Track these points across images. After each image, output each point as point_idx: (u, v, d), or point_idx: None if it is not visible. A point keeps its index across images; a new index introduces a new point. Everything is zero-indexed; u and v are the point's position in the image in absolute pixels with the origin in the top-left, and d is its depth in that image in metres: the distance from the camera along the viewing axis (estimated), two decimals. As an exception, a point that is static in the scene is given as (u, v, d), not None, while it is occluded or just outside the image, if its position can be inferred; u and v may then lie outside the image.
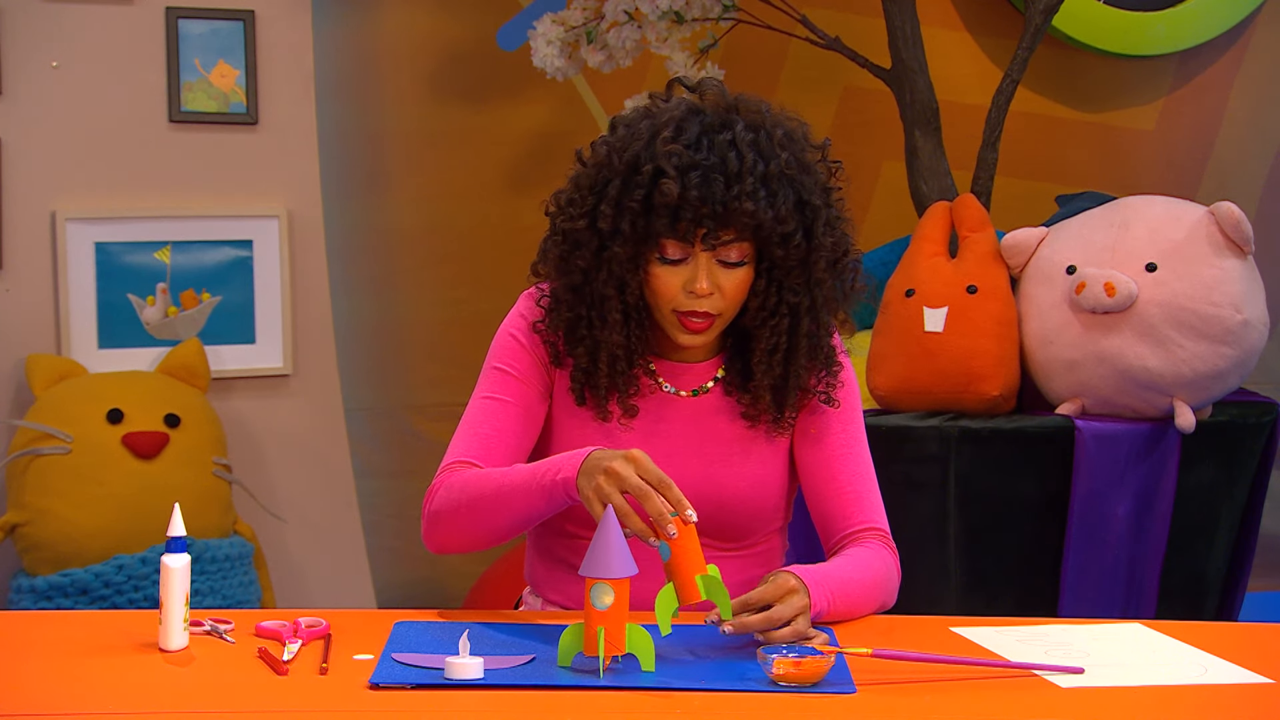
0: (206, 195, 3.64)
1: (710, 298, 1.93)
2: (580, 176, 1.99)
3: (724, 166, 1.88)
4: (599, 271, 1.95)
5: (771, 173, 1.90)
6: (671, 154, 1.89)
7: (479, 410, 2.01)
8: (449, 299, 3.91)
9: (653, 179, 1.90)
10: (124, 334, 3.57)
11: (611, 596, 1.64)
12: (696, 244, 1.91)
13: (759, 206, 1.88)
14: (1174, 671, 1.75)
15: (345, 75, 3.86)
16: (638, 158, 1.92)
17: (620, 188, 1.92)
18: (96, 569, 3.23)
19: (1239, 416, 3.04)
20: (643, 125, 1.95)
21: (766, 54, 3.85)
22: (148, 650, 1.75)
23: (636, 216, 1.91)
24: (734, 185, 1.88)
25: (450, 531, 1.94)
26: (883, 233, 3.66)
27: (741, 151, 1.90)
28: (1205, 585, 3.08)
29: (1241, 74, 4.22)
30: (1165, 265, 2.90)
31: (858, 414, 2.08)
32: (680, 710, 1.58)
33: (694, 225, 1.89)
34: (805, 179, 1.94)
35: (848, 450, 2.05)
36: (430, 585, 3.84)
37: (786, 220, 1.91)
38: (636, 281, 1.94)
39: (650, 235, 1.91)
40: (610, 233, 1.93)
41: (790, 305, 1.96)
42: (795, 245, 1.92)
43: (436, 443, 3.94)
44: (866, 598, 1.93)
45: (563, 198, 2.00)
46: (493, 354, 2.04)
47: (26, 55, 3.46)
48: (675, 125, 1.93)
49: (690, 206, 1.88)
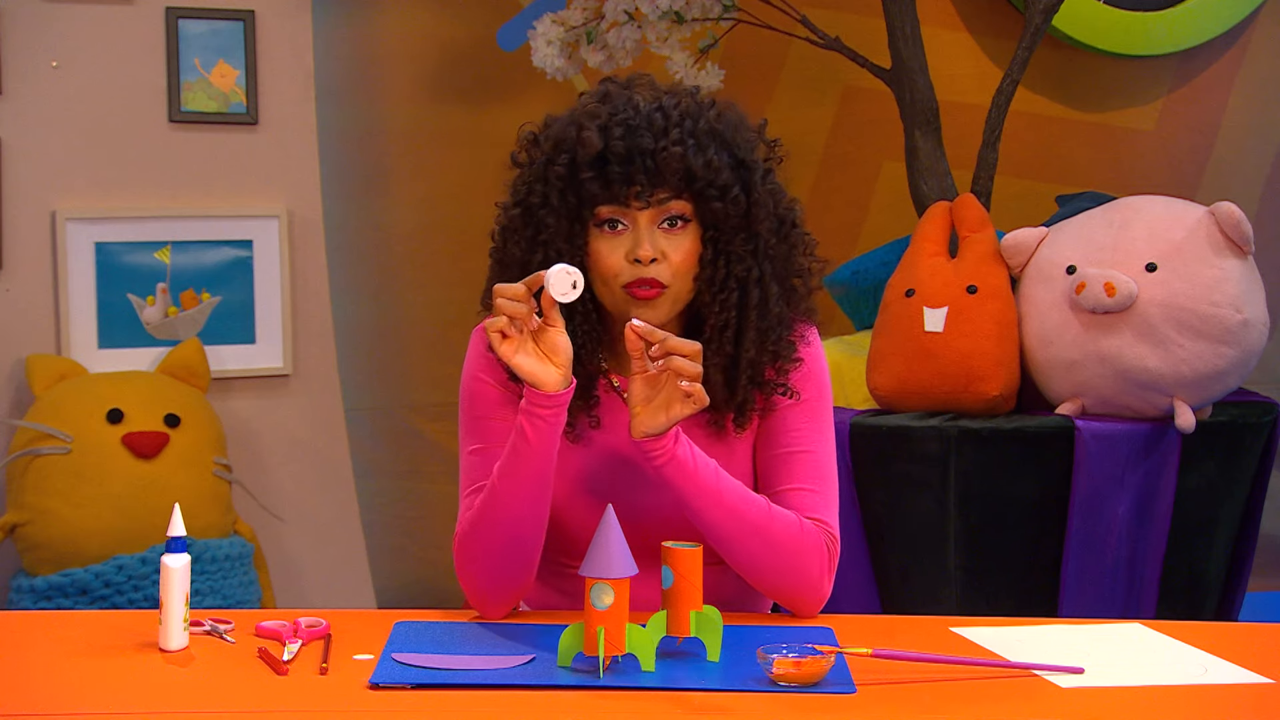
0: (206, 195, 3.64)
1: (657, 264, 1.87)
2: (515, 177, 1.97)
3: (650, 124, 1.86)
4: (535, 255, 1.90)
5: (700, 129, 1.88)
6: (594, 113, 1.88)
7: (472, 466, 1.95)
8: (449, 299, 3.91)
9: (575, 139, 1.87)
10: (124, 334, 3.57)
11: (611, 596, 1.64)
12: (633, 205, 1.87)
13: (688, 153, 1.85)
14: (1174, 671, 1.75)
15: (345, 75, 3.86)
16: (562, 131, 1.90)
17: (545, 163, 1.90)
18: (96, 569, 3.23)
19: (1239, 416, 3.04)
20: (567, 111, 1.94)
21: (766, 54, 3.85)
22: (148, 650, 1.75)
23: (565, 185, 1.88)
24: (661, 139, 1.85)
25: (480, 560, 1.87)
26: (883, 233, 3.66)
27: (667, 112, 1.88)
28: (1205, 585, 3.08)
29: (1241, 74, 4.22)
30: (1165, 265, 2.90)
31: (824, 413, 1.99)
32: (680, 710, 1.58)
33: (625, 183, 1.85)
34: (738, 138, 1.91)
35: (808, 451, 1.96)
36: (430, 585, 3.84)
37: (720, 170, 1.87)
38: (579, 263, 1.88)
39: (583, 202, 1.87)
40: (541, 208, 1.89)
41: (739, 278, 1.90)
42: (734, 199, 1.88)
43: (436, 443, 3.97)
44: (744, 519, 1.85)
45: (499, 206, 1.97)
46: (464, 405, 1.99)
47: (26, 55, 3.46)
48: (598, 96, 1.92)
49: (617, 159, 1.84)
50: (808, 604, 1.92)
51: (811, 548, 1.90)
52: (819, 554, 1.90)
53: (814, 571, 1.90)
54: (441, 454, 3.89)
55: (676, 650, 1.74)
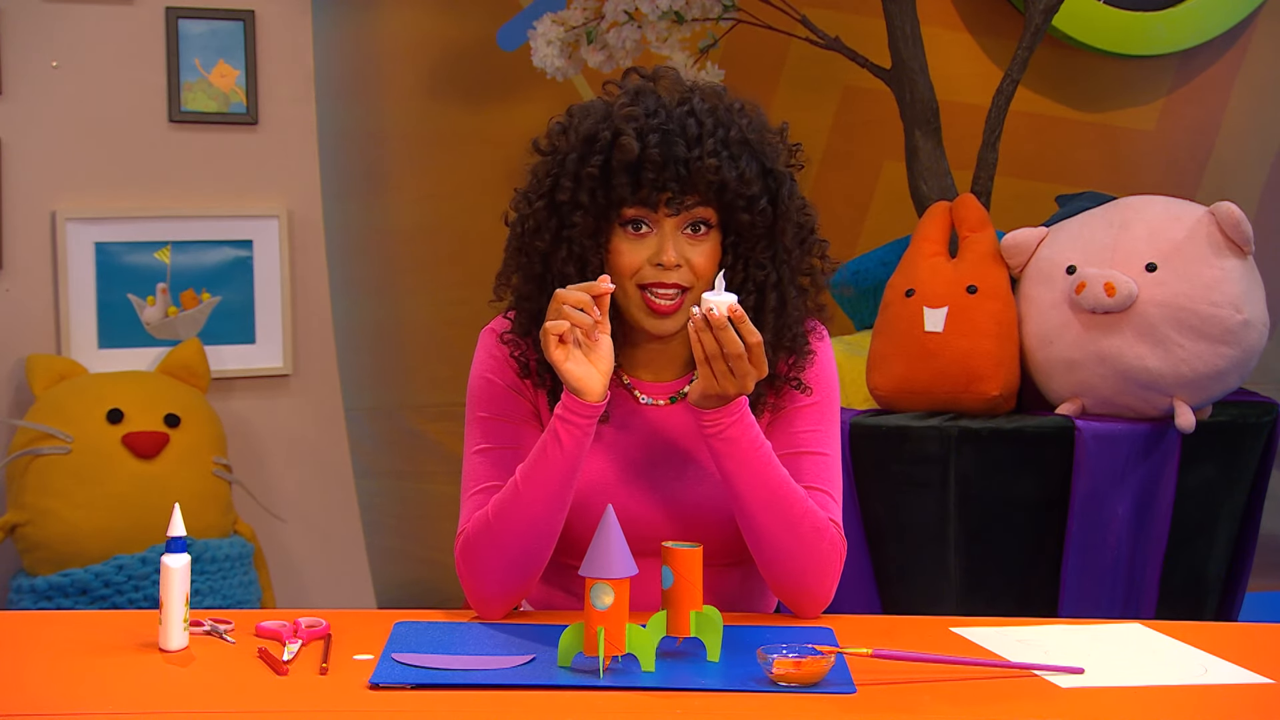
0: (206, 195, 3.64)
1: (678, 270, 1.88)
2: (537, 165, 1.95)
3: (683, 131, 1.86)
4: (559, 250, 1.89)
5: (733, 138, 1.88)
6: (630, 117, 1.87)
7: (476, 466, 1.95)
8: (449, 299, 3.91)
9: (611, 142, 1.86)
10: (124, 334, 3.57)
11: (611, 596, 1.64)
12: (661, 210, 1.87)
13: (723, 165, 1.85)
14: (1174, 671, 1.75)
15: (345, 75, 3.86)
16: (595, 128, 1.89)
17: (578, 160, 1.89)
18: (96, 569, 3.23)
19: (1239, 416, 3.04)
20: (597, 103, 1.93)
21: (766, 54, 3.85)
22: (148, 650, 1.75)
23: (596, 185, 1.87)
24: (695, 147, 1.85)
25: (490, 562, 1.86)
26: (883, 233, 3.66)
27: (700, 119, 1.88)
28: (1205, 585, 3.08)
29: (1241, 74, 4.22)
30: (1165, 265, 2.90)
31: (833, 415, 2.00)
32: (680, 710, 1.58)
33: (656, 189, 1.85)
34: (767, 147, 1.91)
35: (817, 453, 1.96)
36: (430, 585, 3.84)
37: (751, 182, 1.88)
38: (599, 259, 1.89)
39: (611, 204, 1.87)
40: (569, 205, 1.88)
41: (757, 282, 1.92)
42: (761, 211, 1.89)
43: (437, 443, 3.97)
44: (781, 495, 1.85)
45: (519, 193, 1.96)
46: (472, 405, 1.98)
47: (26, 55, 3.46)
48: (631, 95, 1.91)
49: (652, 165, 1.84)
50: (816, 604, 1.92)
51: (826, 536, 1.90)
52: (831, 545, 1.90)
53: (830, 572, 1.91)
54: (441, 454, 3.90)
55: (676, 650, 1.74)
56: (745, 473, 1.84)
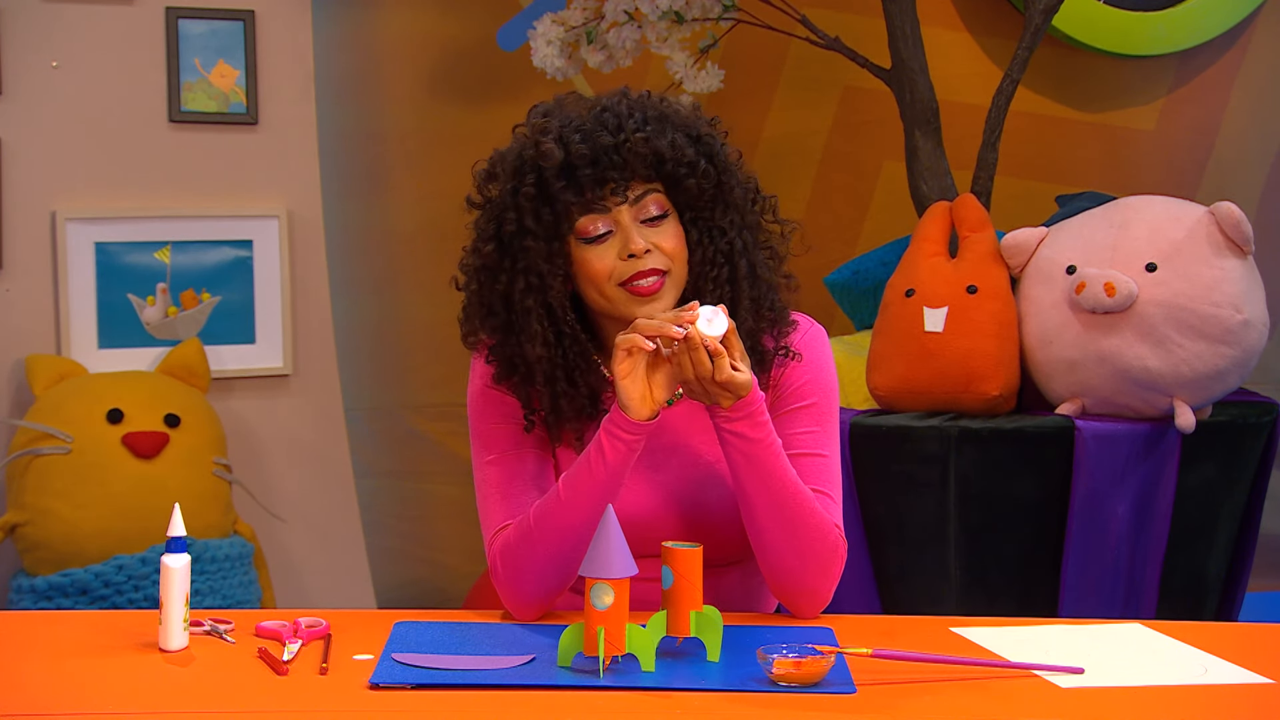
0: (206, 195, 3.64)
1: (650, 255, 1.89)
2: (477, 218, 1.97)
3: (603, 123, 1.88)
4: (516, 283, 1.91)
5: (651, 115, 1.90)
6: (545, 129, 1.89)
7: (491, 475, 1.96)
8: (449, 299, 3.89)
9: (536, 156, 1.88)
10: (124, 334, 3.57)
11: (611, 596, 1.64)
12: (611, 205, 1.88)
13: (651, 137, 1.87)
14: (1174, 671, 1.75)
15: (345, 75, 3.86)
16: (519, 155, 1.91)
17: (513, 190, 1.90)
18: (96, 569, 3.23)
19: (1239, 416, 3.04)
20: (513, 140, 1.95)
21: (766, 54, 3.85)
22: (148, 650, 1.75)
23: (539, 204, 1.88)
24: (619, 132, 1.87)
25: (531, 567, 1.87)
26: (883, 233, 3.66)
27: (615, 110, 1.90)
28: (1205, 585, 3.08)
29: (1241, 74, 4.22)
30: (1165, 265, 2.90)
31: (832, 417, 2.00)
32: (680, 710, 1.58)
33: (598, 184, 1.87)
34: (690, 119, 1.93)
35: (817, 455, 1.96)
36: (430, 585, 3.83)
37: (683, 147, 1.89)
38: (559, 285, 1.90)
39: (559, 218, 1.88)
40: (518, 234, 1.90)
41: (724, 252, 1.93)
42: (704, 172, 1.91)
43: (437, 443, 3.97)
44: (788, 494, 1.86)
45: (466, 250, 1.98)
46: (474, 417, 2.00)
47: (26, 55, 3.46)
48: (541, 114, 1.93)
49: (584, 161, 1.86)
50: (814, 605, 1.92)
51: (831, 537, 1.90)
52: (834, 545, 1.90)
53: (830, 574, 1.91)
54: (441, 454, 3.89)
55: (676, 650, 1.74)
56: (752, 467, 1.85)
